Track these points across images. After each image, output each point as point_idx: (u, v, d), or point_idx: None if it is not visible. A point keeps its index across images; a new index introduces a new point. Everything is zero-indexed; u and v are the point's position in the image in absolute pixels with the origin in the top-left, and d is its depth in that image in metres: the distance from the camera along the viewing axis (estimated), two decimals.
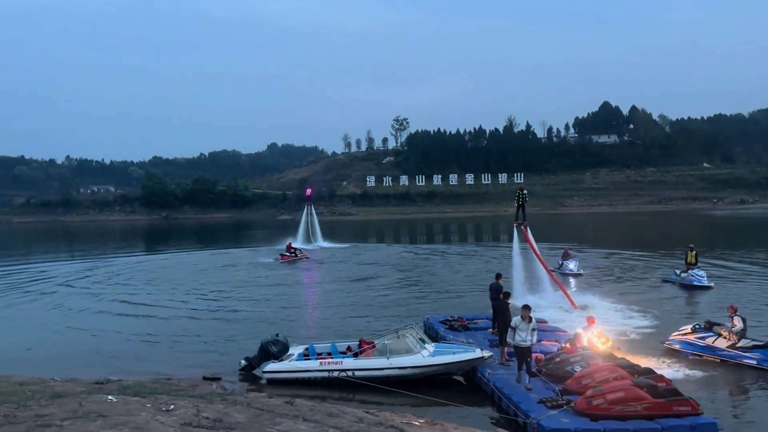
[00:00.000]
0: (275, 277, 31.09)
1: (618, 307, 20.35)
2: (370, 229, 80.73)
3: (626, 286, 25.42)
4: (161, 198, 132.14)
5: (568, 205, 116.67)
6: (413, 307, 21.89)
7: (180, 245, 55.05)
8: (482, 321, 16.81)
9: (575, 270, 27.23)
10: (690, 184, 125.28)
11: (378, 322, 18.66)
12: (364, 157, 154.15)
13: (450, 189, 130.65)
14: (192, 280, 29.93)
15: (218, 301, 23.82)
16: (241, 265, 36.41)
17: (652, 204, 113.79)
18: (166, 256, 44.33)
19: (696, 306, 21.43)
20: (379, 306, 22.23)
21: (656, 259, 33.97)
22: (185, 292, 26.04)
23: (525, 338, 11.55)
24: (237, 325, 19.21)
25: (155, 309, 22.35)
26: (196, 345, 16.77)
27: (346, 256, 41.37)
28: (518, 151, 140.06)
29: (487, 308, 16.57)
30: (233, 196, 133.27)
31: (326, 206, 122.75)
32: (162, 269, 35.29)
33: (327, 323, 19.32)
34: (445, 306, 21.42)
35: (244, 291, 26.30)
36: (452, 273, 30.66)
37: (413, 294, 24.90)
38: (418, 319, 17.73)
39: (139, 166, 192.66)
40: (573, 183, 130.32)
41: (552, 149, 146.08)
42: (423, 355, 12.71)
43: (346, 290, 26.15)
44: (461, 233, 67.86)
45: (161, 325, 19.65)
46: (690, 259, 25.57)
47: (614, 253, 37.95)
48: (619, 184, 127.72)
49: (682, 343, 14.89)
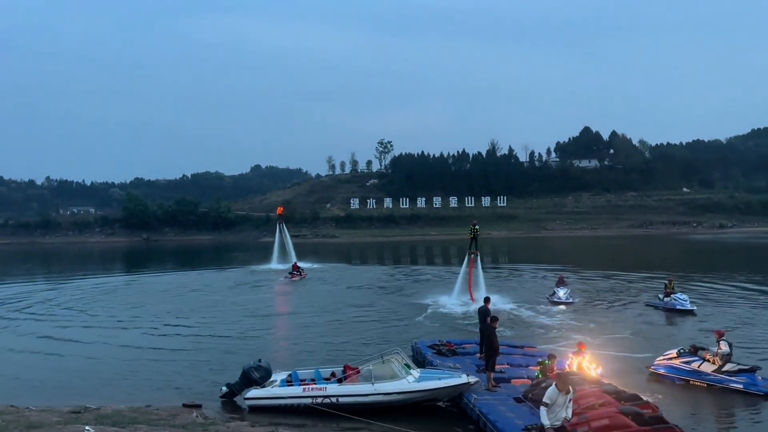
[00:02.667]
0: (256, 301, 30.77)
1: (601, 331, 20.39)
2: (354, 251, 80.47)
3: (609, 311, 25.48)
4: (142, 220, 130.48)
5: (550, 228, 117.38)
6: (400, 330, 21.75)
7: (159, 267, 54.35)
8: (471, 346, 16.69)
9: (563, 298, 26.91)
10: (670, 208, 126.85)
11: (363, 347, 18.48)
12: (348, 180, 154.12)
13: (434, 212, 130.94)
14: (170, 303, 29.52)
15: (197, 326, 23.43)
16: (222, 287, 36.08)
17: (633, 228, 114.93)
18: (146, 278, 43.73)
19: (680, 330, 21.53)
20: (364, 330, 22.02)
21: (638, 283, 34.09)
22: (163, 316, 25.66)
23: (562, 415, 9.05)
24: (217, 350, 18.89)
25: (132, 333, 22.01)
26: (175, 370, 16.45)
27: (329, 278, 41.24)
28: (501, 174, 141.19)
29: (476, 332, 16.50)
30: (216, 218, 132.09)
31: (310, 228, 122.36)
32: (140, 293, 34.74)
33: (311, 348, 19.07)
34: (435, 330, 21.35)
35: (224, 314, 26.01)
36: (441, 294, 30.52)
37: (400, 317, 24.74)
38: (405, 343, 17.62)
39: (120, 187, 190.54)
40: (555, 206, 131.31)
41: (534, 173, 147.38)
42: (408, 381, 12.60)
43: (331, 313, 25.90)
44: (445, 255, 67.84)
45: (140, 349, 19.27)
46: (669, 291, 25.83)
47: (596, 277, 38.08)
48: (601, 208, 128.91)
49: (667, 367, 14.89)
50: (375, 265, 56.08)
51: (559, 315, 24.48)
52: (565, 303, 26.51)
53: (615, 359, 16.16)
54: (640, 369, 15.53)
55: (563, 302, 26.53)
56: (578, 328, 21.03)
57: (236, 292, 34.17)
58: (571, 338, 18.73)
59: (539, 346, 17.69)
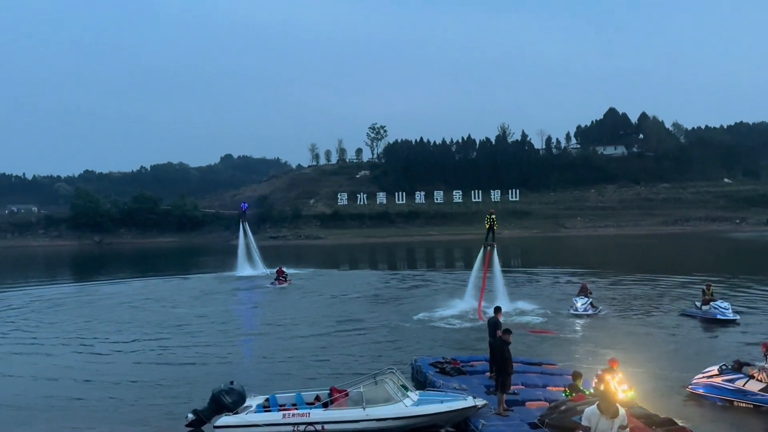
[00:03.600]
0: (226, 313, 30.80)
1: (630, 345, 20.45)
2: (342, 254, 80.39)
3: (638, 321, 25.60)
4: (93, 219, 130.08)
5: (570, 226, 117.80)
6: (397, 346, 21.76)
7: (113, 275, 54.11)
8: (480, 363, 16.73)
9: (581, 310, 26.89)
10: (708, 202, 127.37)
11: (352, 366, 18.47)
12: (335, 171, 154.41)
13: (435, 208, 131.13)
14: (126, 317, 29.51)
15: (158, 344, 23.36)
16: (187, 298, 36.09)
17: (666, 225, 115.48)
18: (98, 287, 43.50)
19: (721, 343, 21.59)
20: (353, 346, 22.01)
21: (672, 290, 34.27)
22: (116, 332, 25.62)
23: None
24: (182, 372, 18.87)
25: (78, 354, 21.87)
26: (132, 397, 16.38)
27: (312, 286, 41.40)
28: (513, 164, 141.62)
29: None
30: (180, 217, 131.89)
31: (290, 229, 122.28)
32: (91, 305, 34.56)
33: (291, 368, 19.03)
34: (438, 345, 21.38)
35: (189, 329, 26.04)
36: (445, 303, 30.54)
37: (395, 331, 24.73)
38: (403, 361, 17.59)
39: (67, 181, 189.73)
40: (576, 201, 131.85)
41: (551, 162, 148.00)
42: (405, 405, 12.61)
43: (314, 327, 25.89)
44: (449, 258, 67.87)
45: (87, 374, 19.15)
46: (707, 297, 25.97)
47: (623, 281, 38.32)
48: (628, 203, 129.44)
49: (707, 387, 14.91)
50: (366, 270, 56.09)
51: (583, 327, 24.59)
52: (584, 315, 26.46)
53: (646, 378, 16.14)
54: (676, 389, 15.57)
55: (581, 314, 26.50)
56: (604, 342, 21.09)
57: (203, 303, 34.13)
58: (598, 354, 18.76)
59: (560, 363, 17.70)
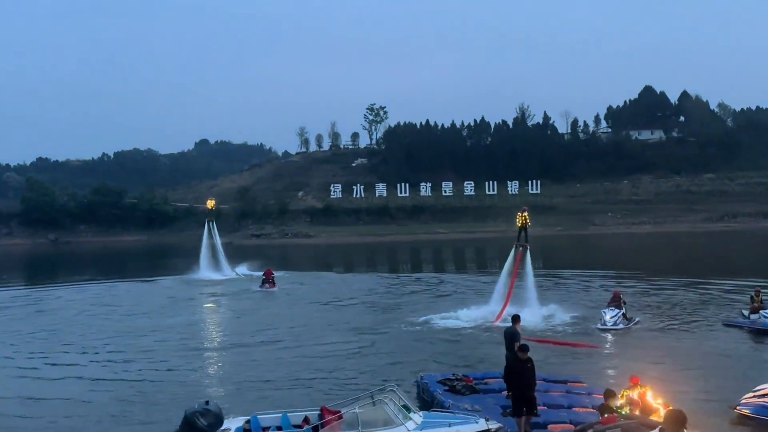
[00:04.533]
0: (201, 323, 31.11)
1: (669, 360, 20.49)
2: (335, 255, 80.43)
3: (679, 333, 25.70)
4: (48, 215, 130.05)
5: (599, 223, 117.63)
6: (399, 360, 21.77)
7: (71, 278, 54.10)
8: (495, 380, 16.76)
9: (609, 323, 26.57)
10: (760, 195, 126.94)
11: (346, 384, 18.51)
12: (327, 159, 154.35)
13: (442, 202, 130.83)
14: (84, 328, 29.64)
15: (122, 358, 23.44)
16: (156, 305, 36.36)
17: (711, 222, 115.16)
18: (52, 293, 43.65)
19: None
20: (347, 360, 22.03)
21: (717, 296, 34.40)
22: (72, 346, 25.71)
23: None
24: (150, 390, 18.85)
25: (28, 373, 21.82)
26: (92, 422, 16.39)
27: (300, 291, 42.04)
28: (533, 151, 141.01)
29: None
30: (148, 212, 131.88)
31: (276, 226, 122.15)
32: (43, 314, 34.70)
33: (275, 386, 19.08)
34: (448, 359, 21.40)
35: (157, 342, 26.24)
36: (452, 312, 30.55)
37: (397, 342, 24.73)
38: (406, 377, 17.77)
39: (17, 170, 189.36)
40: (606, 194, 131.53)
41: (578, 149, 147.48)
42: (407, 428, 12.59)
43: (302, 338, 25.93)
44: (458, 260, 67.89)
45: (39, 389, 19.16)
46: (756, 305, 26.06)
47: (660, 286, 38.38)
48: (667, 196, 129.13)
49: (758, 407, 14.92)
50: (363, 273, 56.21)
51: (616, 340, 24.67)
52: (611, 329, 26.24)
53: (688, 397, 16.08)
54: (722, 409, 15.58)
55: (609, 329, 26.26)
56: (639, 356, 21.11)
57: (173, 311, 34.38)
58: (632, 370, 18.61)
59: (589, 380, 17.73)
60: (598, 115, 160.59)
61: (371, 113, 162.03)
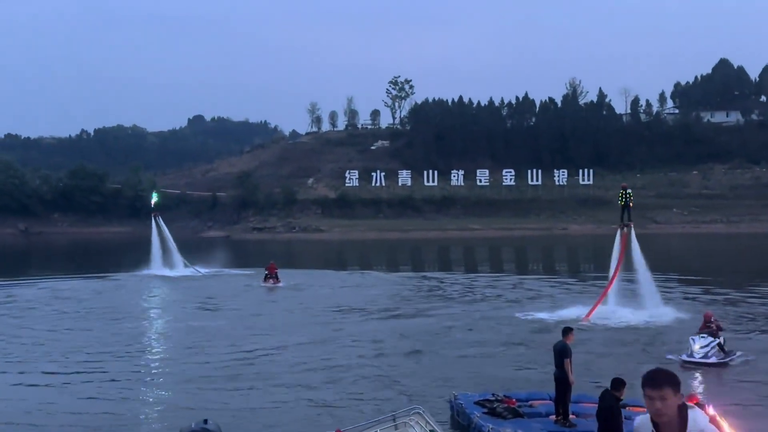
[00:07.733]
0: (190, 327, 30.91)
1: (743, 385, 20.51)
2: (351, 252, 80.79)
3: (753, 348, 25.53)
4: (17, 201, 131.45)
5: (662, 221, 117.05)
6: (427, 376, 21.54)
7: (43, 273, 55.36)
8: (543, 403, 16.83)
9: (697, 357, 25.06)
10: None
11: (365, 404, 18.44)
12: (342, 141, 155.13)
13: (478, 193, 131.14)
14: (63, 330, 29.84)
15: (105, 368, 23.18)
16: (134, 307, 37.02)
17: None
18: (20, 291, 44.12)
19: None
20: (367, 375, 21.79)
21: None
22: (49, 352, 25.69)
23: None
24: (142, 406, 19.00)
25: None
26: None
27: (309, 292, 42.58)
28: (585, 134, 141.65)
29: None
30: (133, 200, 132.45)
31: (281, 218, 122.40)
32: (10, 315, 34.75)
33: (283, 402, 18.97)
34: (489, 375, 21.35)
35: (139, 347, 26.61)
36: (490, 320, 30.79)
37: (425, 353, 24.77)
38: (435, 395, 17.98)
39: None
40: (671, 186, 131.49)
41: (638, 133, 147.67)
42: None
43: (312, 348, 25.87)
44: (494, 260, 67.47)
45: (30, 400, 19.34)
46: None
47: (735, 297, 37.67)
48: (744, 189, 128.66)
49: None
50: (383, 272, 56.64)
51: (706, 377, 23.49)
52: (701, 363, 24.86)
53: None
54: None
55: (697, 362, 24.89)
56: (723, 381, 21.21)
57: (159, 313, 35.24)
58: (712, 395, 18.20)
59: None
60: (663, 93, 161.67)
61: (395, 87, 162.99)
